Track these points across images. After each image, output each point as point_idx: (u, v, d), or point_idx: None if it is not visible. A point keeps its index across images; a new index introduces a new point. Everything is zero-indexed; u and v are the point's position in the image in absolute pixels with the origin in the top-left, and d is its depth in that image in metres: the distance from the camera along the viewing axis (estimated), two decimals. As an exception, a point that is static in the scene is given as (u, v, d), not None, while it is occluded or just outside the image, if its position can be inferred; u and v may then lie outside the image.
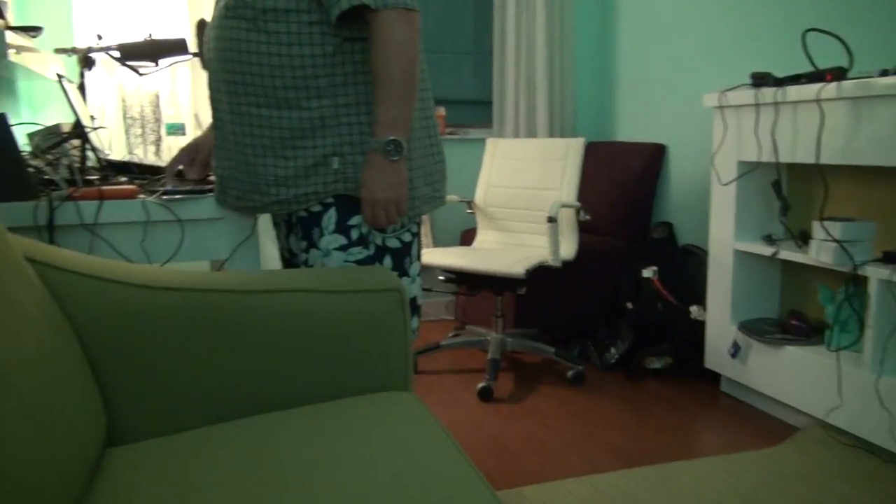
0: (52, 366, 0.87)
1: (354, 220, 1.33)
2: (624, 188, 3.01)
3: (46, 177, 1.49)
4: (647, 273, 2.59)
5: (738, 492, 1.67)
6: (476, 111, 3.53)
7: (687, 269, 2.67)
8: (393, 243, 1.38)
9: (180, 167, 1.53)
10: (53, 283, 0.97)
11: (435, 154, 1.45)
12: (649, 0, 3.12)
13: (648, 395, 2.35)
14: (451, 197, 2.77)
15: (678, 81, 2.95)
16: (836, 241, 1.84)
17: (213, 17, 1.33)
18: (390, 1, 1.20)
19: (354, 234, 1.34)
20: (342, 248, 1.34)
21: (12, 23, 1.98)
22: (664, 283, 2.59)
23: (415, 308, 1.48)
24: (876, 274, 1.77)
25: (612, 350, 2.62)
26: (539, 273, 2.40)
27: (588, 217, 2.59)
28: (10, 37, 1.74)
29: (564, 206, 2.46)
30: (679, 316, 2.51)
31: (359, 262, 1.35)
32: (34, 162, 1.55)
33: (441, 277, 2.54)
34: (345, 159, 1.30)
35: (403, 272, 1.41)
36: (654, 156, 3.01)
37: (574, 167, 2.63)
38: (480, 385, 2.31)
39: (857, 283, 1.96)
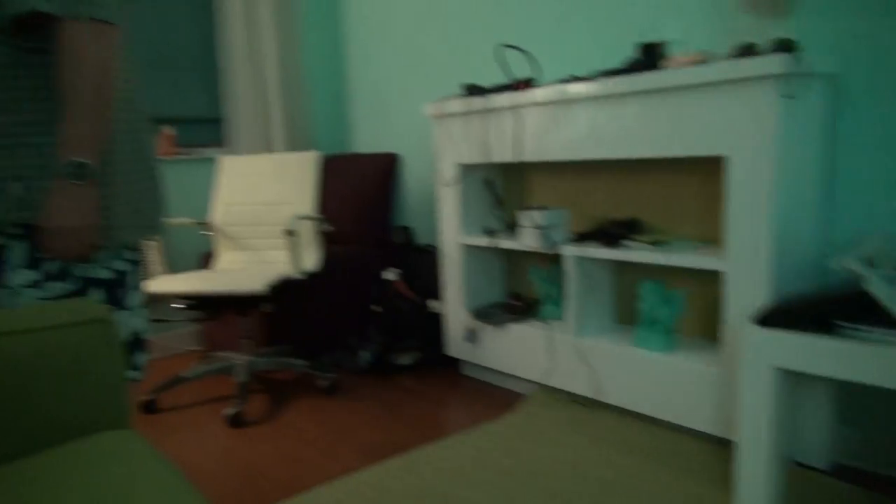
0: None
1: None
2: (364, 198, 3.11)
3: None
4: (389, 275, 2.70)
5: (479, 459, 1.82)
6: (209, 130, 3.39)
7: (425, 267, 2.84)
8: (102, 274, 1.26)
9: None
10: None
11: (145, 179, 1.36)
12: (372, 16, 3.28)
13: (399, 391, 2.45)
14: (184, 219, 2.62)
15: (404, 93, 3.14)
16: (538, 227, 2.10)
17: None
18: (81, 10, 1.11)
19: (52, 268, 1.20)
20: (35, 285, 1.19)
21: None
22: (408, 283, 2.72)
23: (140, 343, 1.37)
24: (570, 252, 2.05)
25: (364, 353, 2.68)
26: (285, 288, 2.37)
27: (331, 228, 2.63)
28: None
29: (302, 218, 2.47)
30: (421, 312, 2.66)
31: (59, 300, 1.21)
32: None
33: (178, 305, 2.38)
34: (30, 184, 1.17)
35: (120, 304, 1.29)
36: (389, 165, 3.16)
37: (310, 180, 2.66)
38: (229, 412, 2.21)
39: (557, 261, 2.25)
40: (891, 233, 1.61)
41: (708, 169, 1.92)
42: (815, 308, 1.40)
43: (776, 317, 1.44)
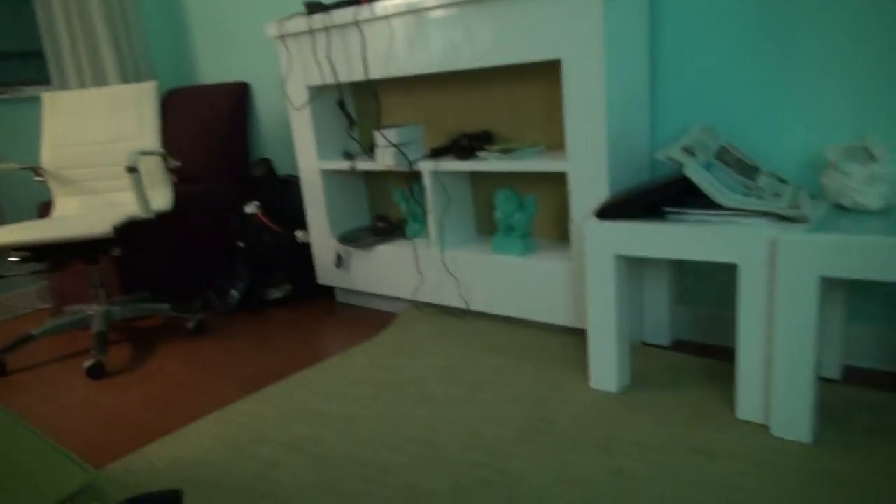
0: None
1: None
2: (215, 132, 2.94)
3: None
4: (250, 209, 2.61)
5: (354, 376, 1.86)
6: (29, 66, 3.03)
7: (289, 198, 2.77)
8: None
9: None
10: None
11: None
12: (199, -66, 3.02)
13: (272, 324, 2.43)
14: (11, 165, 2.37)
15: (247, 15, 2.96)
16: (393, 145, 2.10)
17: None
18: None
19: None
20: None
21: None
22: (271, 216, 2.65)
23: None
24: (427, 167, 2.08)
25: (233, 292, 2.61)
26: (136, 230, 2.24)
27: (178, 163, 2.48)
28: None
29: (144, 153, 2.31)
30: (288, 243, 2.61)
31: None
32: None
33: (13, 259, 2.18)
34: None
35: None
36: (239, 94, 3.00)
37: (150, 113, 2.47)
38: (87, 363, 2.09)
39: (416, 178, 2.27)
40: (706, 124, 1.76)
41: (550, 75, 1.99)
42: (647, 198, 1.52)
43: (614, 209, 1.55)
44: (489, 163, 1.91)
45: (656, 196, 1.51)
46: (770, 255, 1.31)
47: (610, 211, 1.54)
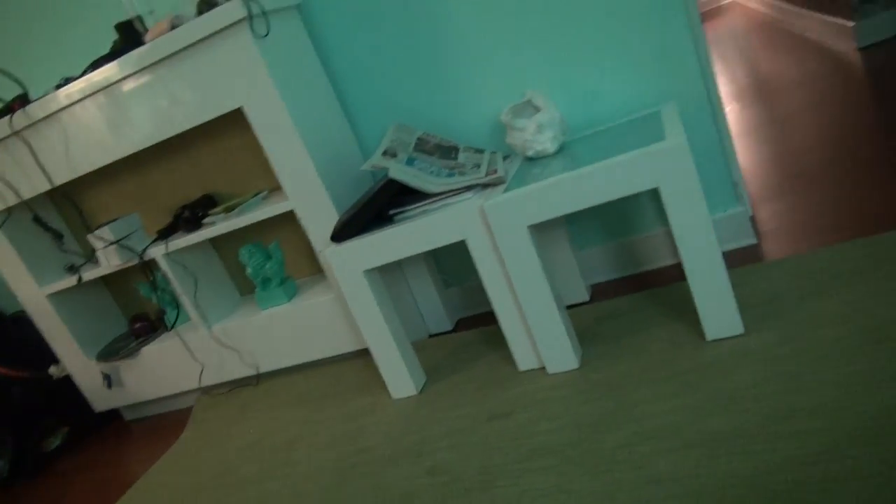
0: None
1: None
2: None
3: None
4: (-19, 367, 2.27)
5: (159, 496, 1.70)
6: None
7: (27, 336, 2.45)
8: None
9: None
10: None
11: None
12: None
13: (60, 478, 2.14)
14: None
15: None
16: (114, 243, 1.94)
17: None
18: None
19: None
20: None
21: None
22: (11, 364, 2.32)
23: None
24: (158, 252, 1.95)
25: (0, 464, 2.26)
26: None
27: None
28: None
29: None
30: (44, 385, 2.31)
31: None
32: None
33: None
34: None
35: None
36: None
37: None
38: None
39: (154, 268, 2.13)
40: (400, 122, 1.86)
41: (247, 124, 1.97)
42: (370, 208, 1.57)
43: (345, 230, 1.57)
44: (217, 226, 1.85)
45: (377, 204, 1.57)
46: (484, 222, 1.43)
47: (342, 233, 1.57)
